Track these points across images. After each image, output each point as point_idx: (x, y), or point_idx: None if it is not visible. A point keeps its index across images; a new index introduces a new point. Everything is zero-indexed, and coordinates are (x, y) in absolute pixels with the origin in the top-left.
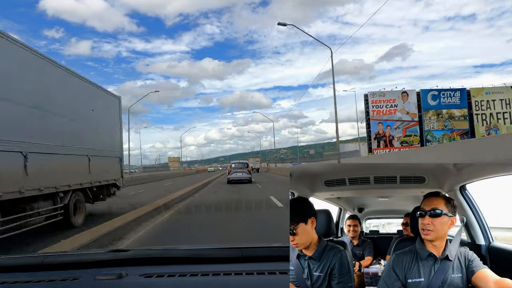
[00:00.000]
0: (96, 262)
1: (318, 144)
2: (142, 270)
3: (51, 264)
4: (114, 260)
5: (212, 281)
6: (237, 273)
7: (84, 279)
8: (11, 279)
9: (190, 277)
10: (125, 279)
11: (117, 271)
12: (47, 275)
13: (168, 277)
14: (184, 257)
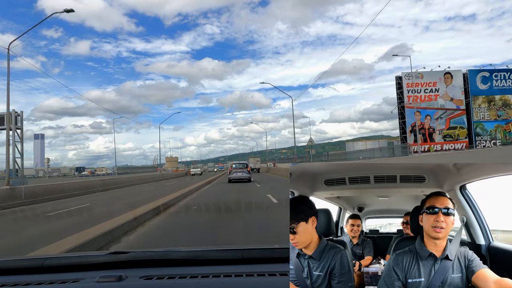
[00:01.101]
0: (96, 265)
1: (319, 144)
2: (142, 272)
3: (51, 266)
4: (114, 262)
5: (212, 283)
6: (238, 275)
7: (84, 281)
8: (11, 282)
9: (190, 279)
10: (125, 281)
11: (117, 273)
12: (48, 278)
13: (168, 279)
14: (184, 259)
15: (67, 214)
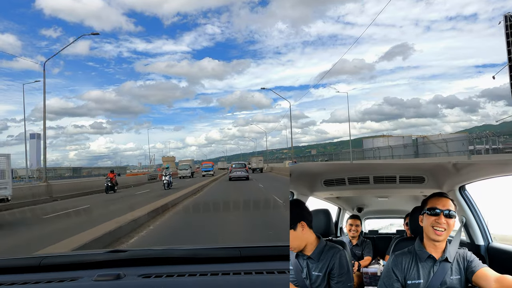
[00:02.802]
0: (94, 263)
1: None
2: (140, 271)
3: (49, 265)
4: (112, 260)
5: (211, 281)
6: (236, 273)
7: (82, 279)
8: (8, 281)
9: (188, 277)
10: (123, 280)
11: (115, 271)
12: (45, 276)
13: (167, 277)
14: (182, 257)
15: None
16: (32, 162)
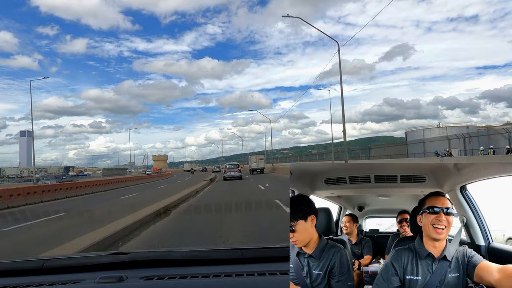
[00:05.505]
0: (97, 265)
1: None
2: (143, 273)
3: (51, 268)
4: (114, 263)
5: (213, 282)
6: (238, 274)
7: (84, 282)
8: (12, 283)
9: (191, 279)
10: (126, 282)
11: (118, 274)
12: (48, 279)
13: (169, 279)
14: (184, 259)
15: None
16: (22, 161)
